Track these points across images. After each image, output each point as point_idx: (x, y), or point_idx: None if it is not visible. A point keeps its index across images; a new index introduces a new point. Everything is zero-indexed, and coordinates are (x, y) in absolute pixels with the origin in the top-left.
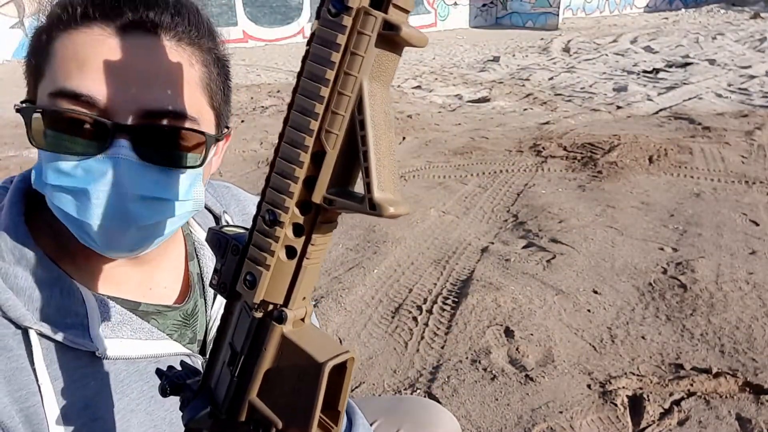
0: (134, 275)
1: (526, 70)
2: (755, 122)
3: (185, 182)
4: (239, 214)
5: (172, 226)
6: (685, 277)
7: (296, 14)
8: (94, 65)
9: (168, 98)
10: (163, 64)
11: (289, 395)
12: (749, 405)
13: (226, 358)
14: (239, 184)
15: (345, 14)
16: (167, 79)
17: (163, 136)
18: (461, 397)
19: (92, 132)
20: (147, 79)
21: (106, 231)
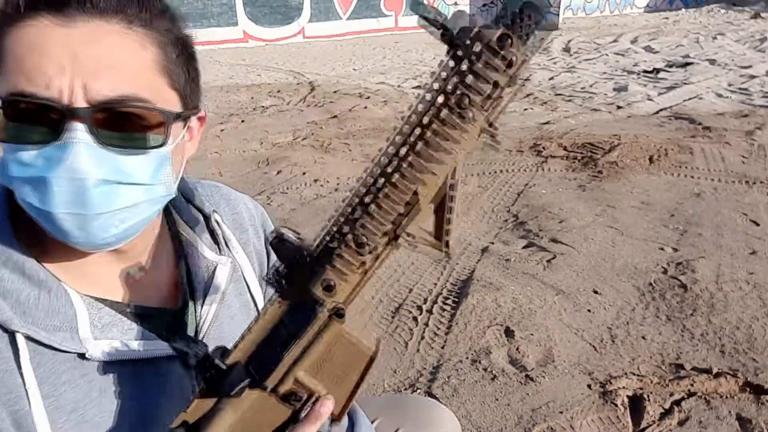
0: (119, 275)
1: (526, 70)
2: (756, 122)
3: (150, 165)
4: (229, 214)
5: (143, 212)
6: (685, 277)
7: (296, 14)
8: (45, 62)
9: (122, 83)
10: (114, 51)
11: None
12: (749, 405)
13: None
14: (239, 184)
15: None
16: (119, 65)
17: (119, 118)
18: (461, 397)
19: (48, 119)
20: (98, 68)
21: (74, 220)
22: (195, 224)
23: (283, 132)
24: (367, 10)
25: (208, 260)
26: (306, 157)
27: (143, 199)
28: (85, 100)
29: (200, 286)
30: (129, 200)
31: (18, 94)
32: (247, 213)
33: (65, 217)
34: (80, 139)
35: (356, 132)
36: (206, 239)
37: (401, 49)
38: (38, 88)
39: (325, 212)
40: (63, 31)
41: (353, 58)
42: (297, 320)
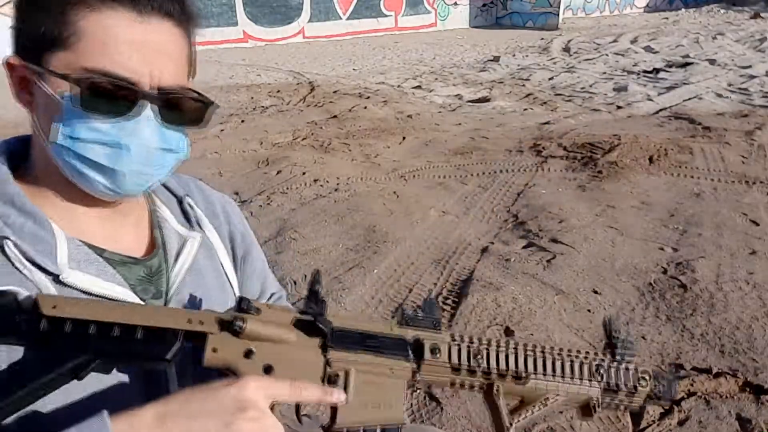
0: (103, 227)
1: (526, 70)
2: (755, 122)
3: (182, 138)
4: (203, 202)
5: (168, 172)
6: (685, 277)
7: (296, 14)
8: (122, 47)
9: (176, 74)
10: (173, 47)
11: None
12: (749, 405)
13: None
14: (239, 184)
15: None
16: (175, 58)
17: (175, 102)
18: (461, 397)
19: (124, 97)
20: (163, 59)
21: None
22: (168, 204)
23: (283, 132)
24: (366, 10)
25: (180, 234)
26: (306, 157)
27: (174, 163)
28: (151, 84)
29: (172, 252)
30: (169, 163)
31: (103, 73)
32: (219, 203)
33: (130, 174)
34: (150, 116)
35: (356, 132)
36: (178, 217)
37: (401, 49)
38: (121, 70)
39: (325, 212)
40: (140, 27)
41: (353, 58)
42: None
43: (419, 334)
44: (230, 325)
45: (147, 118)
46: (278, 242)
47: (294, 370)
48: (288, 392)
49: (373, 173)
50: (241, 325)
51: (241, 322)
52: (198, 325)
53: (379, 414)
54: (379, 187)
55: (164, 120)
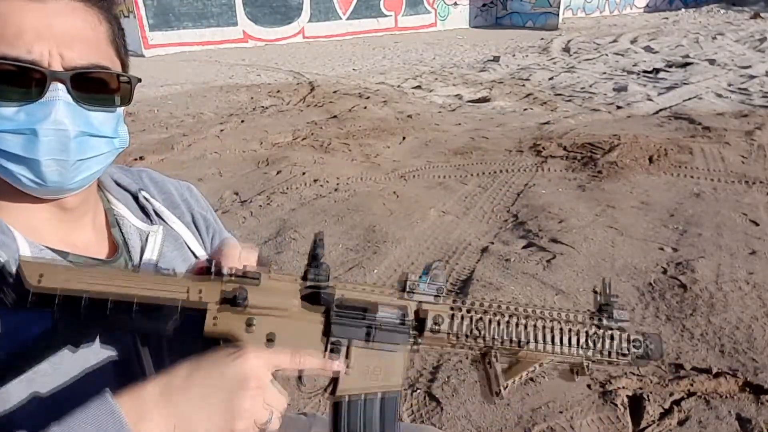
0: (59, 229)
1: (526, 70)
2: (755, 122)
3: (112, 121)
4: (159, 194)
5: (104, 162)
6: (685, 277)
7: (296, 14)
8: (25, 31)
9: (89, 53)
10: (79, 25)
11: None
12: (749, 405)
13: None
14: (239, 184)
15: None
16: (85, 37)
17: (90, 81)
18: (461, 397)
19: (30, 80)
20: (69, 39)
21: (55, 166)
22: (124, 201)
23: (283, 132)
24: (366, 10)
25: (140, 230)
26: (306, 157)
27: (106, 150)
28: (62, 65)
29: (135, 250)
30: (97, 150)
31: (1, 57)
32: (176, 191)
33: (49, 163)
34: (61, 97)
35: (356, 132)
36: (136, 213)
37: (401, 49)
38: (21, 53)
39: (324, 212)
40: (35, 6)
41: (353, 58)
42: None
43: (422, 304)
44: (233, 300)
45: (58, 99)
46: (278, 242)
47: (296, 339)
48: (289, 362)
49: (373, 173)
50: (244, 299)
51: (244, 296)
52: (197, 297)
53: (379, 382)
54: (379, 187)
55: (81, 100)
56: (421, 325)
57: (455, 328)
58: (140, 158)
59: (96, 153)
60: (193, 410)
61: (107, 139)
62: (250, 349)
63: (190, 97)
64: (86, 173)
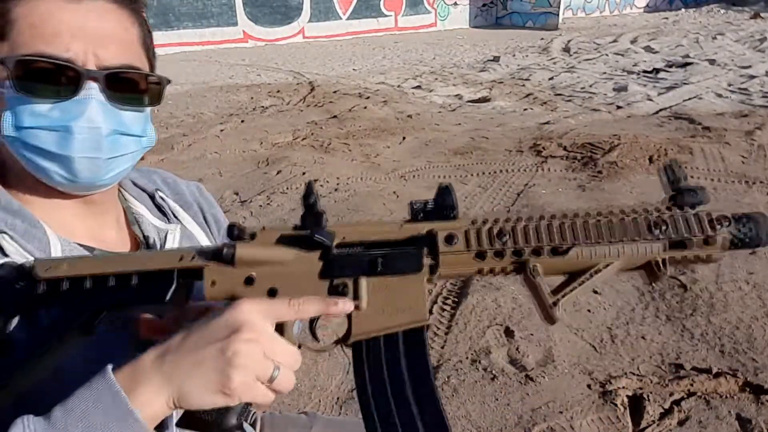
0: (86, 225)
1: (526, 70)
2: (755, 122)
3: (141, 120)
4: (172, 194)
5: (133, 159)
6: (685, 277)
7: (296, 14)
8: (61, 30)
9: (122, 54)
10: (113, 26)
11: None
12: (749, 405)
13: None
14: (239, 184)
15: None
16: (119, 38)
17: (123, 81)
18: (461, 397)
19: (67, 79)
20: (104, 39)
21: (88, 163)
22: (141, 200)
23: (283, 132)
24: (366, 10)
25: (158, 228)
26: (306, 157)
27: (135, 149)
28: (95, 65)
29: (156, 246)
30: (127, 148)
31: (39, 55)
32: (188, 191)
33: (82, 161)
34: (95, 96)
35: (356, 132)
36: (153, 212)
37: (401, 49)
38: (58, 51)
39: (325, 212)
40: (71, 6)
41: (353, 58)
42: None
43: (433, 226)
44: (220, 254)
45: (92, 98)
46: None
47: (299, 288)
48: (286, 309)
49: (373, 173)
50: (231, 252)
51: (231, 248)
52: (190, 260)
53: (399, 318)
54: (379, 187)
55: (113, 100)
56: (434, 244)
57: (474, 241)
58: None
59: (126, 151)
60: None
61: (136, 138)
62: (243, 300)
63: (190, 97)
64: (116, 170)
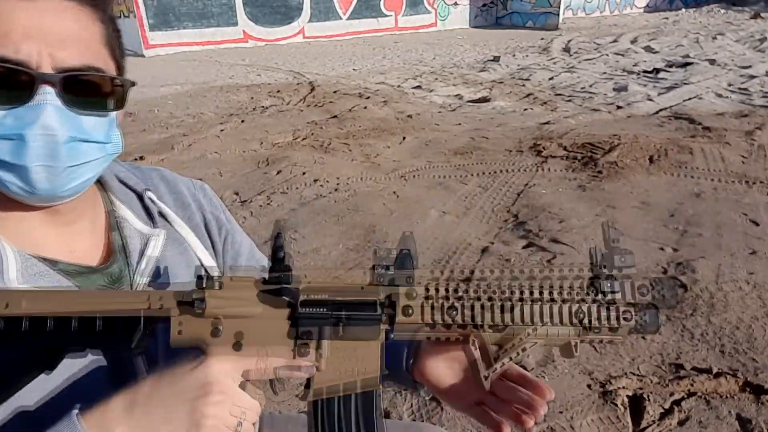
0: (53, 236)
1: (526, 70)
2: (755, 122)
3: (104, 126)
4: (169, 194)
5: (97, 168)
6: (685, 277)
7: (296, 14)
8: (13, 30)
9: (81, 54)
10: (72, 24)
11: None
12: (749, 405)
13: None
14: (239, 184)
15: None
16: (77, 38)
17: (82, 84)
18: None
19: (19, 83)
20: (60, 38)
21: (44, 173)
22: (128, 202)
23: (283, 132)
24: (367, 10)
25: (142, 233)
26: (306, 157)
27: (99, 156)
28: (52, 67)
29: (134, 254)
30: (89, 156)
31: None
32: (188, 191)
33: (38, 170)
34: (50, 101)
35: (356, 132)
36: (140, 215)
37: (401, 49)
38: (8, 53)
39: (325, 212)
40: (25, 5)
41: (353, 58)
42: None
43: (392, 291)
44: (191, 305)
45: (46, 103)
46: None
47: (264, 342)
48: (254, 367)
49: (373, 173)
50: (201, 306)
51: (201, 302)
52: (158, 307)
53: (354, 378)
54: (379, 187)
55: (71, 104)
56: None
57: (428, 315)
58: (140, 158)
59: (88, 159)
60: (156, 424)
61: (99, 145)
62: (211, 358)
63: (190, 97)
64: (78, 180)
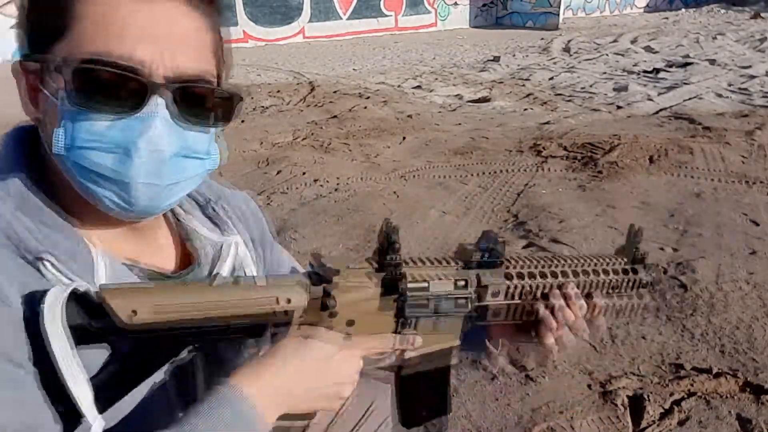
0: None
1: (526, 70)
2: (755, 122)
3: (207, 140)
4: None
5: (195, 182)
6: (685, 277)
7: (296, 14)
8: (128, 30)
9: (195, 62)
10: (187, 30)
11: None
12: (749, 405)
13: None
14: (239, 184)
15: None
16: (192, 44)
17: (196, 97)
18: (461, 397)
19: (130, 90)
20: (176, 44)
21: (147, 190)
22: (191, 211)
23: (283, 132)
24: (367, 10)
25: (212, 240)
26: (306, 157)
27: (199, 172)
28: (164, 73)
29: (206, 261)
30: (190, 172)
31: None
32: (244, 204)
33: (140, 187)
34: (160, 113)
35: (356, 132)
36: (206, 223)
37: (401, 49)
38: (123, 53)
39: (325, 212)
40: (143, 6)
41: (353, 58)
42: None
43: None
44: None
45: (158, 115)
46: (278, 242)
47: (372, 322)
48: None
49: (373, 173)
50: (333, 304)
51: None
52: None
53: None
54: (379, 187)
55: (181, 117)
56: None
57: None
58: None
59: (188, 175)
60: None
61: (200, 161)
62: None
63: None
64: (176, 197)
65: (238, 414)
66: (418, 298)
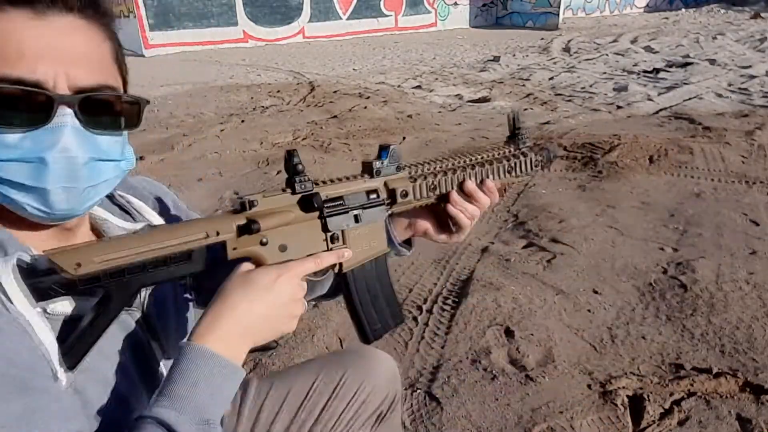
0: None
1: (526, 70)
2: (755, 122)
3: (119, 144)
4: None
5: (111, 185)
6: (685, 277)
7: (296, 14)
8: (26, 51)
9: (95, 73)
10: (84, 43)
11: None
12: (749, 405)
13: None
14: (239, 184)
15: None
16: (93, 56)
17: (103, 104)
18: (461, 397)
19: (37, 104)
20: (76, 58)
21: (64, 194)
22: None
23: (283, 132)
24: (367, 10)
25: (125, 228)
26: (306, 157)
27: (115, 174)
28: (68, 87)
29: None
30: (106, 174)
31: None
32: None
33: (58, 191)
34: (70, 122)
35: (356, 132)
36: (117, 213)
37: (401, 49)
38: (23, 73)
39: None
40: (37, 24)
41: (353, 58)
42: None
43: (387, 180)
44: (248, 228)
45: (66, 125)
46: None
47: (302, 243)
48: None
49: None
50: (257, 227)
51: (258, 226)
52: (215, 236)
53: (370, 251)
54: None
55: (89, 125)
56: (392, 197)
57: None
58: (140, 158)
59: (105, 178)
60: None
61: (115, 163)
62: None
63: (190, 97)
64: (95, 199)
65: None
66: (336, 210)
